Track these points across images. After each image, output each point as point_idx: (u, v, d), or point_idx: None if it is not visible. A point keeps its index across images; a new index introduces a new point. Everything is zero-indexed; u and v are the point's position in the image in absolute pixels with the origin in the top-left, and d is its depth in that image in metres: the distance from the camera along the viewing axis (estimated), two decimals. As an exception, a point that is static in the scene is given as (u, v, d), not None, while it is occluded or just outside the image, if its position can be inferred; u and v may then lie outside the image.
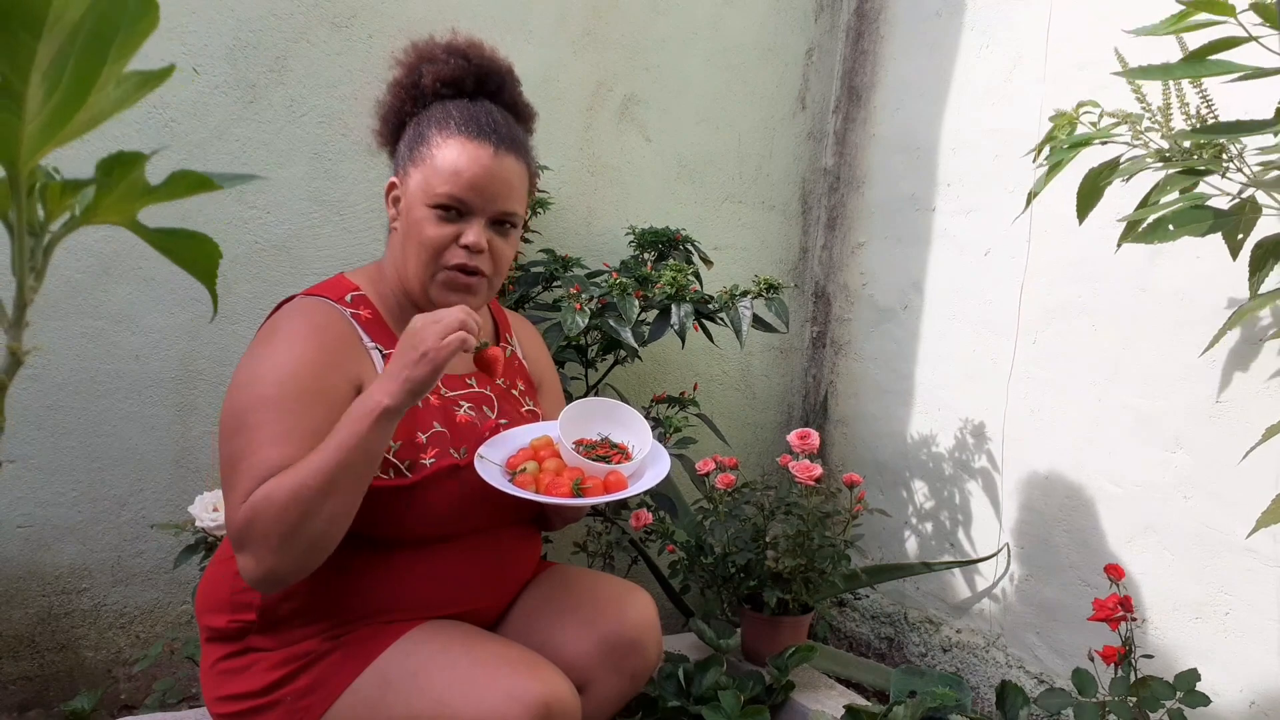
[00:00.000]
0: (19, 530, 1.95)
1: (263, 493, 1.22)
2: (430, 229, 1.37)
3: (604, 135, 2.41)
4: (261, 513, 1.21)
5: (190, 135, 1.95)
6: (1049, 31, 2.14)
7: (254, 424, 1.26)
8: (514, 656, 1.31)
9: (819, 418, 2.75)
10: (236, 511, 1.24)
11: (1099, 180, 1.47)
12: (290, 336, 1.33)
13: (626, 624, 1.47)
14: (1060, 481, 2.10)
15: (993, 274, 2.25)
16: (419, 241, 1.37)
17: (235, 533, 1.24)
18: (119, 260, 1.95)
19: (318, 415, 1.28)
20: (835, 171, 2.72)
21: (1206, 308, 1.81)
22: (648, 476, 1.40)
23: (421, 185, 1.37)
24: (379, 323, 1.41)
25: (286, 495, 1.21)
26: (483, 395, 1.47)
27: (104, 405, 1.98)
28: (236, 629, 1.37)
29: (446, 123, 1.39)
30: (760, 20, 2.57)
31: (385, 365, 1.34)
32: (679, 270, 2.04)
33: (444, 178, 1.36)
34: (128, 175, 0.47)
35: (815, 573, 2.02)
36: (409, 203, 1.39)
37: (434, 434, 1.38)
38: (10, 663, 1.97)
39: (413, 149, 1.40)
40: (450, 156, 1.37)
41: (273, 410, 1.27)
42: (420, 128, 1.41)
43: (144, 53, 0.48)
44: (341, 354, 1.34)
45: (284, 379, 1.29)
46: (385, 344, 1.39)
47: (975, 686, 2.22)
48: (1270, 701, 1.73)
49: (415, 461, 1.35)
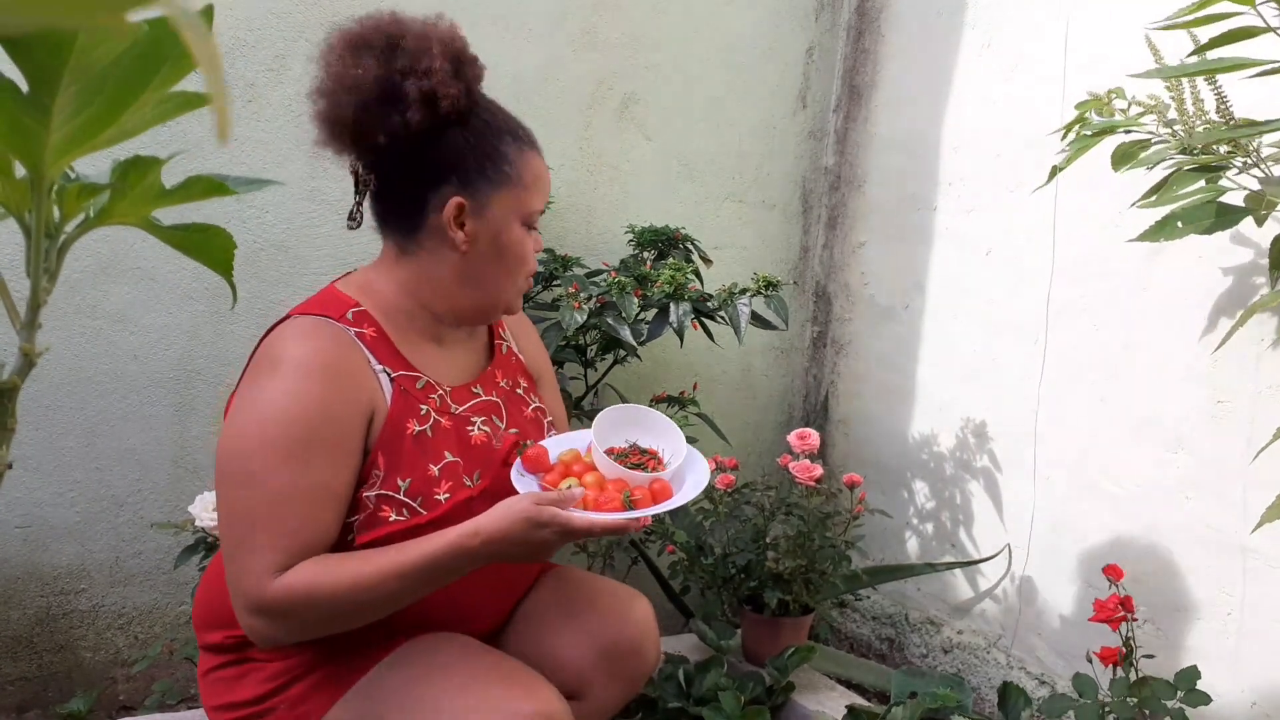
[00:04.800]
0: (17, 531, 1.94)
1: (308, 580, 1.18)
2: (526, 246, 1.36)
3: (604, 134, 2.40)
4: (302, 602, 1.18)
5: (189, 134, 1.94)
6: (1049, 30, 2.13)
7: (263, 473, 1.20)
8: (509, 672, 1.30)
9: (820, 418, 2.75)
10: (259, 582, 1.18)
11: (1131, 148, 1.48)
12: (297, 370, 1.24)
13: (626, 631, 1.47)
14: (1062, 482, 2.10)
15: (994, 274, 2.25)
16: (517, 258, 1.36)
17: (259, 604, 1.18)
18: (118, 260, 1.94)
19: (336, 463, 1.23)
20: (836, 170, 2.72)
21: (1208, 308, 1.81)
22: (690, 482, 1.34)
23: (513, 204, 1.33)
24: (384, 342, 1.33)
25: (341, 595, 1.18)
26: (492, 404, 1.43)
27: (102, 405, 1.97)
28: (235, 643, 1.34)
29: (512, 135, 1.34)
30: (761, 19, 2.56)
31: (394, 393, 1.29)
32: (678, 269, 2.04)
33: (535, 194, 1.36)
34: (143, 179, 0.46)
35: (816, 573, 2.02)
36: (498, 224, 1.33)
37: (446, 465, 1.31)
38: (8, 663, 1.96)
39: (483, 166, 1.32)
40: (532, 171, 1.35)
41: (287, 463, 1.20)
42: (483, 141, 1.33)
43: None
44: (352, 386, 1.27)
45: (294, 421, 1.21)
46: (393, 366, 1.32)
47: (976, 687, 2.22)
48: (1272, 702, 1.73)
49: (428, 498, 1.29)
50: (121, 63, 0.42)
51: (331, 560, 1.21)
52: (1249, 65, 1.20)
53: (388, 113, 1.26)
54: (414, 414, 1.31)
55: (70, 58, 0.40)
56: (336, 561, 1.21)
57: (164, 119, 0.47)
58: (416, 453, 1.29)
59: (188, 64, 0.44)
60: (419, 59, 1.27)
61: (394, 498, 1.26)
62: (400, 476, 1.27)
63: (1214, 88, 1.42)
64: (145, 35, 0.42)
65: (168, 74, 0.44)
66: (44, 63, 0.41)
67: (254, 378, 1.27)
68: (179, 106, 0.46)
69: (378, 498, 1.26)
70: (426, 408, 1.32)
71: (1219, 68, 1.24)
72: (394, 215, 1.36)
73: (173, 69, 0.44)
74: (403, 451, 1.28)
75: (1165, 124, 1.46)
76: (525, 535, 1.20)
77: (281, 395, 1.22)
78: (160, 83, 0.44)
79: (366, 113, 1.26)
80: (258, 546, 1.19)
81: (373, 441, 1.27)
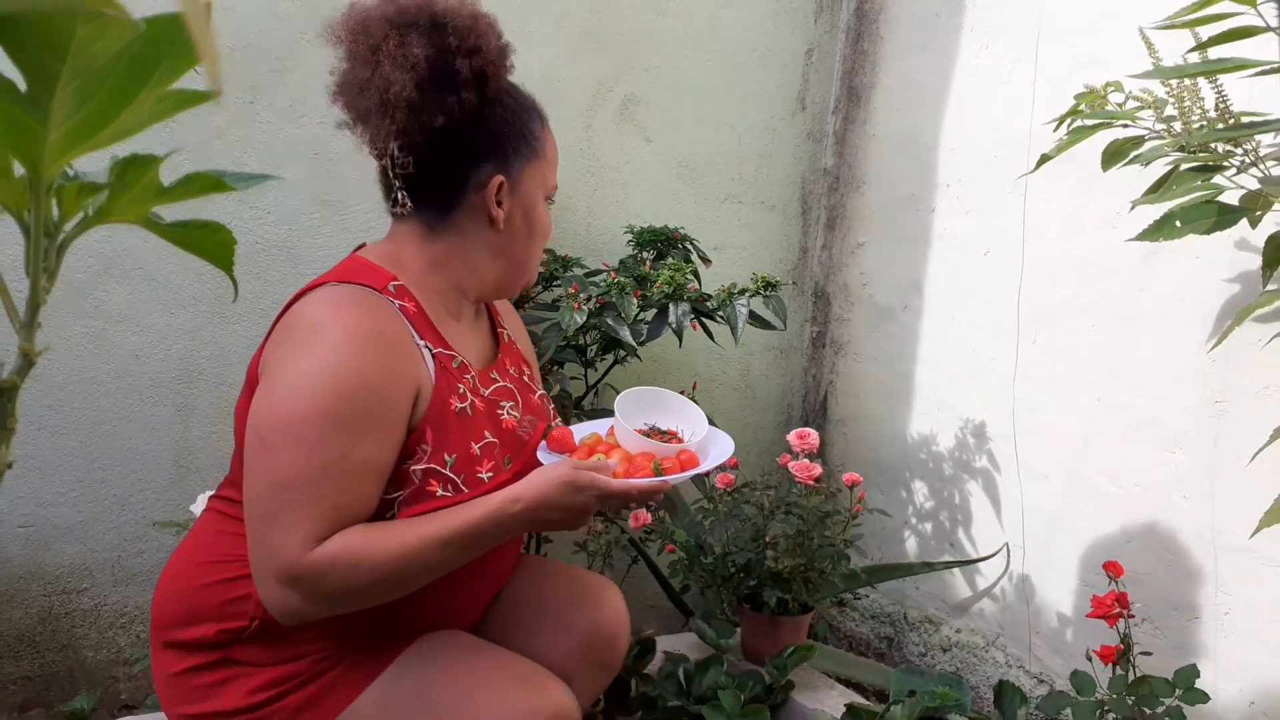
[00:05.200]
0: (19, 530, 1.95)
1: (350, 547, 1.15)
2: (549, 218, 1.41)
3: (604, 135, 2.41)
4: (343, 570, 1.15)
5: (191, 135, 1.95)
6: (1049, 32, 2.14)
7: (315, 442, 1.15)
8: (518, 671, 1.30)
9: (819, 418, 2.76)
10: (298, 550, 1.14)
11: (1124, 146, 1.48)
12: (350, 337, 1.20)
13: (601, 621, 1.50)
14: (1060, 481, 2.10)
15: (993, 274, 2.26)
16: (543, 233, 1.41)
17: (295, 572, 1.14)
18: (119, 260, 1.95)
19: (386, 437, 1.20)
20: (835, 171, 2.72)
21: (1206, 307, 1.82)
22: (714, 453, 1.38)
23: (539, 179, 1.37)
24: (423, 318, 1.30)
25: (384, 563, 1.16)
26: (509, 389, 1.43)
27: (104, 405, 1.98)
28: (221, 640, 1.28)
29: (534, 112, 1.38)
30: (760, 20, 2.57)
31: (436, 369, 1.28)
32: (677, 269, 2.04)
33: (554, 168, 1.42)
34: (142, 177, 0.47)
35: (815, 572, 2.02)
36: (529, 199, 1.36)
37: (486, 445, 1.31)
38: (11, 663, 1.97)
39: (518, 144, 1.34)
40: (553, 146, 1.41)
41: (337, 430, 1.16)
42: (515, 118, 1.34)
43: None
44: (402, 358, 1.24)
45: (347, 390, 1.17)
46: (433, 342, 1.30)
47: (975, 686, 2.22)
48: (1270, 702, 1.73)
49: (471, 476, 1.27)
50: (120, 61, 0.43)
51: (374, 529, 1.19)
52: (1249, 66, 1.20)
53: (444, 92, 1.25)
54: (454, 392, 1.30)
55: (69, 56, 0.41)
56: (379, 530, 1.18)
57: (163, 117, 0.47)
58: (460, 430, 1.28)
59: (186, 62, 0.45)
60: (467, 36, 1.26)
61: (441, 473, 1.25)
62: (447, 452, 1.26)
63: (1214, 86, 1.42)
64: (143, 34, 0.42)
65: (166, 72, 0.44)
66: (42, 61, 0.41)
67: (299, 342, 1.21)
68: (177, 104, 0.47)
69: (425, 472, 1.24)
70: (464, 387, 1.32)
71: (1218, 68, 1.24)
72: (432, 195, 1.33)
73: (171, 67, 0.44)
74: (449, 428, 1.27)
75: (1162, 120, 1.46)
76: (565, 500, 1.21)
77: (336, 363, 1.18)
78: (158, 81, 0.44)
79: (423, 93, 1.23)
80: (300, 516, 1.14)
81: (419, 416, 1.25)
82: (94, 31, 0.41)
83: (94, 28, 0.41)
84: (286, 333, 1.24)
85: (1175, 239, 1.44)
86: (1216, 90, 1.43)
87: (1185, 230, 1.42)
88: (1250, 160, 1.41)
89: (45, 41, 0.40)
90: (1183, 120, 1.43)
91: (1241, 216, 1.42)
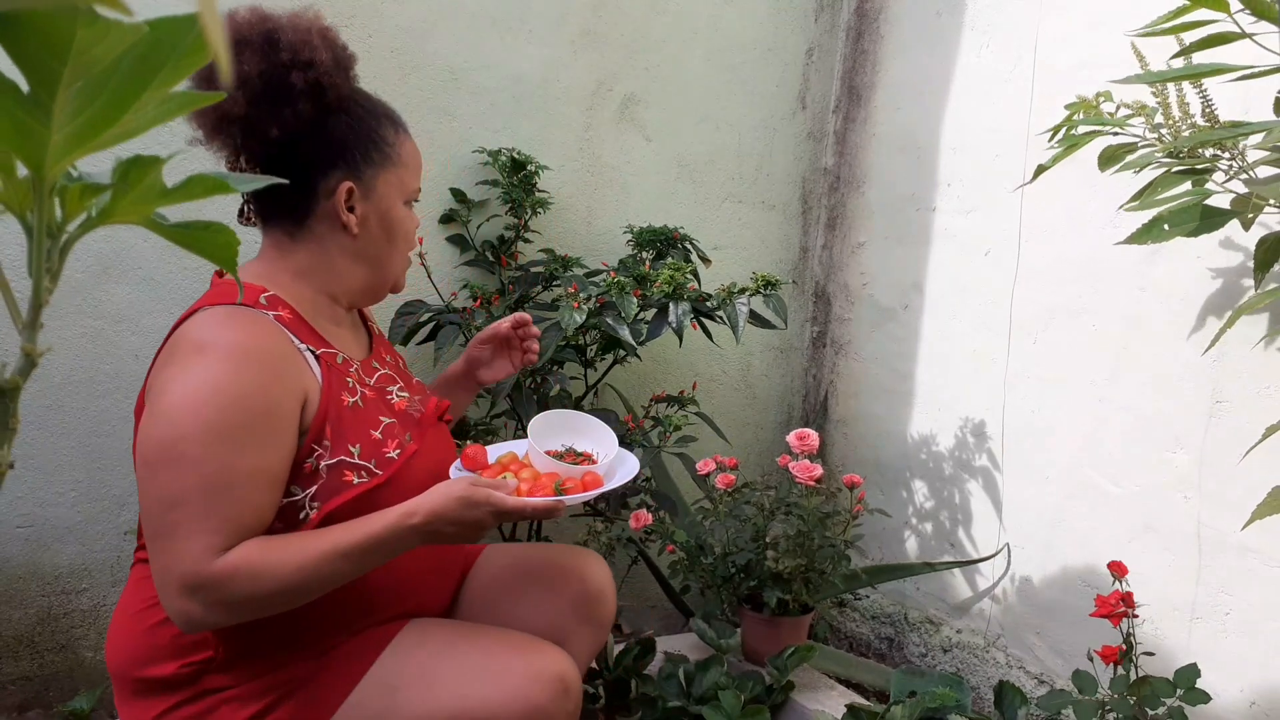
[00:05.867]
0: (19, 530, 1.95)
1: (252, 557, 1.17)
2: (410, 223, 1.45)
3: (604, 135, 2.41)
4: (245, 579, 1.17)
5: (188, 134, 1.94)
6: (1049, 32, 2.14)
7: (198, 457, 1.17)
8: (517, 640, 1.36)
9: (819, 418, 2.76)
10: (199, 561, 1.16)
11: (1117, 152, 1.51)
12: (230, 354, 1.22)
13: (589, 577, 1.54)
14: (1060, 481, 2.10)
15: (993, 274, 2.26)
16: (404, 236, 1.44)
17: (198, 582, 1.16)
18: (119, 260, 1.94)
19: (272, 446, 1.22)
20: (835, 171, 2.72)
21: (1207, 307, 1.82)
22: (619, 474, 1.45)
23: (396, 184, 1.40)
24: (300, 322, 1.34)
25: (286, 573, 1.18)
26: (390, 376, 1.48)
27: (104, 405, 1.97)
28: (189, 674, 1.28)
29: (386, 119, 1.40)
30: (760, 20, 2.57)
31: (322, 370, 1.31)
32: (677, 269, 2.04)
33: (414, 173, 1.44)
34: (144, 178, 0.47)
35: (815, 573, 2.02)
36: (385, 203, 1.39)
37: (386, 427, 1.36)
38: (10, 663, 1.97)
39: (368, 150, 1.36)
40: (409, 151, 1.43)
41: (220, 443, 1.18)
42: (363, 126, 1.37)
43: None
44: (286, 368, 1.27)
45: (231, 404, 1.19)
46: (314, 344, 1.33)
47: (975, 687, 2.22)
48: (1271, 702, 1.74)
49: (380, 458, 1.32)
50: (123, 63, 0.43)
51: (275, 540, 1.21)
52: (1227, 71, 1.23)
53: (278, 106, 1.29)
54: (344, 387, 1.34)
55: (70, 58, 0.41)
56: (280, 541, 1.21)
57: (165, 119, 0.47)
58: (356, 421, 1.33)
59: (189, 64, 0.45)
60: (300, 51, 1.30)
61: (351, 462, 1.29)
62: (350, 443, 1.30)
63: (1199, 91, 1.44)
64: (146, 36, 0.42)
65: (169, 74, 0.44)
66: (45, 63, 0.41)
67: (178, 364, 1.23)
68: (181, 106, 0.47)
69: (336, 465, 1.28)
70: (352, 380, 1.36)
71: (1198, 73, 1.27)
72: (282, 204, 1.37)
73: (174, 69, 0.44)
74: (344, 422, 1.31)
75: (1153, 128, 1.47)
76: (460, 514, 1.25)
77: (215, 379, 1.20)
78: (161, 83, 0.44)
79: (256, 107, 1.29)
80: (195, 530, 1.16)
81: (310, 419, 1.28)
82: (95, 34, 0.41)
83: (95, 30, 0.41)
84: (168, 359, 1.26)
85: (1163, 241, 1.47)
86: (1202, 96, 1.45)
87: (1173, 233, 1.45)
88: (1239, 165, 1.42)
89: (45, 43, 0.40)
90: (1170, 126, 1.44)
91: (1229, 219, 1.44)
